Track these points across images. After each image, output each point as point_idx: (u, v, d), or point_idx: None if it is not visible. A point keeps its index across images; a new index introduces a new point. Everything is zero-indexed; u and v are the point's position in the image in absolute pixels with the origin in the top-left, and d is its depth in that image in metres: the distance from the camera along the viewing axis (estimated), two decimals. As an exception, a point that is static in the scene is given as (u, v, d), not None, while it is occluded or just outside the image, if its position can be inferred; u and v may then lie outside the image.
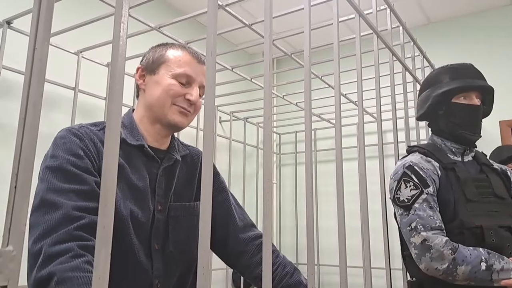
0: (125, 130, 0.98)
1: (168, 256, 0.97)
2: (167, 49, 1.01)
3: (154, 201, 0.96)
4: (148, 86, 1.00)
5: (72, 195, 0.80)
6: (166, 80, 0.97)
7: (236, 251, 1.06)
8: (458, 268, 1.11)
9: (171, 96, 0.97)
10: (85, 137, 0.90)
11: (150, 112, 0.99)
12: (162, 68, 0.99)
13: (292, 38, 3.32)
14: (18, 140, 0.36)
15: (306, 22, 0.77)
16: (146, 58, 1.03)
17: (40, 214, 0.78)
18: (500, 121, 2.82)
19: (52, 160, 0.85)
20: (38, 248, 0.74)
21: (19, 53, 1.96)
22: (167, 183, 1.00)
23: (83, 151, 0.87)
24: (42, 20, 0.38)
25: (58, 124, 2.13)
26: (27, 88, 0.37)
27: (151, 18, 1.93)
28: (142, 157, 0.97)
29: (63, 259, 0.72)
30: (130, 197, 0.92)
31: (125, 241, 0.89)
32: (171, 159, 1.02)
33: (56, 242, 0.74)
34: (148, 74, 1.01)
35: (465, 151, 1.34)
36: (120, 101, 0.38)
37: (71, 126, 0.93)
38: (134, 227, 0.90)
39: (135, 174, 0.94)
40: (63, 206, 0.78)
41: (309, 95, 0.72)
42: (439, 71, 1.37)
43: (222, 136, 3.12)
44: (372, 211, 1.62)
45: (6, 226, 0.34)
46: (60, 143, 0.88)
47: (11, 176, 0.36)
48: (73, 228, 0.76)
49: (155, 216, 0.96)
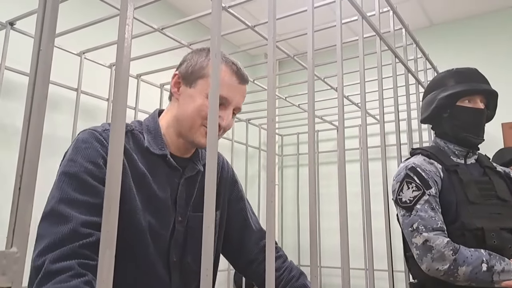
0: (149, 136, 0.94)
1: (185, 268, 0.94)
2: (209, 61, 0.93)
3: (175, 212, 0.94)
4: (182, 98, 0.94)
5: (83, 209, 0.78)
6: (200, 98, 0.91)
7: (249, 258, 1.06)
8: (459, 269, 1.12)
9: (202, 117, 0.91)
10: (108, 143, 0.86)
11: (177, 125, 0.95)
12: (200, 83, 0.92)
13: (293, 40, 3.32)
14: (23, 142, 0.36)
15: (310, 24, 0.77)
16: (186, 65, 0.96)
17: (48, 225, 0.76)
18: (503, 123, 2.81)
19: (69, 165, 0.82)
20: (40, 262, 0.72)
21: (22, 54, 1.97)
22: (188, 194, 0.97)
23: (103, 160, 0.84)
24: (47, 21, 0.38)
25: (60, 125, 2.14)
26: (31, 89, 0.37)
27: (154, 20, 1.93)
28: (164, 167, 0.94)
29: (62, 278, 0.71)
30: (151, 208, 0.89)
31: (144, 254, 0.87)
32: (193, 169, 0.99)
33: (59, 258, 0.72)
34: (184, 85, 0.95)
35: (468, 153, 1.34)
36: (125, 103, 0.38)
37: (95, 128, 0.89)
38: (153, 239, 0.88)
39: (157, 184, 0.91)
40: (72, 220, 0.76)
41: (312, 97, 0.72)
42: (444, 75, 1.38)
43: (224, 138, 3.12)
44: (374, 213, 1.61)
45: (10, 227, 0.34)
46: (81, 148, 0.84)
47: (15, 178, 0.36)
48: (78, 245, 0.75)
49: (175, 228, 0.93)
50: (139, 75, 2.42)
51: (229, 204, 1.07)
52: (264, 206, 3.25)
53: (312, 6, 0.79)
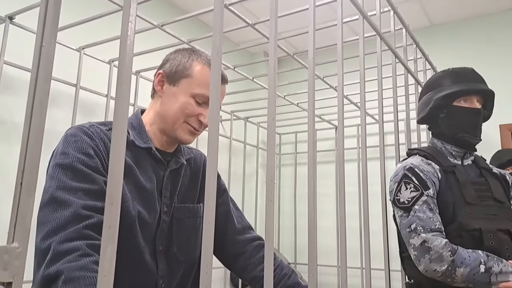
0: (134, 131, 0.98)
1: (171, 257, 0.98)
2: (192, 62, 0.99)
3: (161, 203, 0.97)
4: (165, 96, 0.99)
5: (81, 194, 0.81)
6: (184, 97, 0.96)
7: (234, 252, 1.08)
8: (457, 270, 1.12)
9: (185, 115, 0.96)
10: (96, 136, 0.90)
11: (161, 122, 0.99)
12: (183, 82, 0.97)
13: (292, 38, 3.32)
14: (24, 137, 0.36)
15: (311, 22, 0.77)
16: (170, 65, 1.00)
17: (49, 211, 0.78)
18: (500, 124, 2.82)
19: (62, 158, 0.85)
20: (46, 245, 0.74)
21: (21, 49, 1.96)
22: (172, 186, 1.01)
23: (94, 150, 0.87)
24: (50, 17, 0.38)
25: (59, 121, 2.13)
26: (33, 85, 0.37)
27: (154, 16, 1.93)
28: (150, 159, 0.98)
29: (71, 258, 0.73)
30: (138, 198, 0.92)
31: (132, 241, 0.89)
32: (177, 162, 1.03)
33: (65, 240, 0.74)
34: (168, 83, 0.99)
35: (465, 154, 1.34)
36: (127, 100, 0.38)
37: (82, 125, 0.92)
38: (141, 228, 0.91)
39: (143, 175, 0.95)
40: (72, 204, 0.78)
41: (312, 96, 0.72)
42: (440, 75, 1.37)
43: (222, 135, 3.12)
44: (371, 213, 1.62)
45: (12, 222, 0.34)
46: (71, 141, 0.87)
47: (17, 173, 0.36)
48: (81, 226, 0.77)
49: (161, 218, 0.96)
50: (138, 71, 2.42)
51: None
52: (261, 205, 3.26)
53: (314, 5, 0.79)
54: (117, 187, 0.36)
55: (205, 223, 0.44)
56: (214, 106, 0.48)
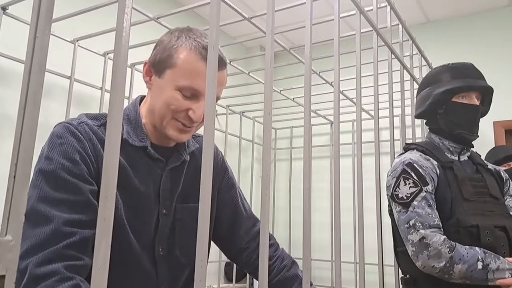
0: (129, 126, 0.89)
1: (173, 261, 0.92)
2: (178, 48, 0.86)
3: (159, 205, 0.90)
4: (153, 88, 0.89)
5: (64, 207, 0.75)
6: (169, 91, 0.85)
7: (240, 247, 1.05)
8: (455, 267, 1.12)
9: (172, 111, 0.85)
10: (84, 137, 0.82)
11: (152, 117, 0.90)
12: (168, 72, 0.85)
13: (289, 33, 3.31)
14: (18, 130, 0.35)
15: (308, 17, 0.77)
16: (155, 53, 0.89)
17: (29, 226, 0.72)
18: (494, 121, 2.84)
19: (46, 163, 0.78)
20: (24, 266, 0.69)
21: (14, 40, 1.94)
22: (172, 185, 0.93)
23: (80, 155, 0.80)
24: (44, 8, 0.38)
25: (53, 113, 2.12)
26: (27, 77, 0.37)
27: (150, 9, 1.91)
28: (145, 159, 0.89)
29: (48, 283, 0.68)
30: (131, 202, 0.86)
31: (125, 248, 0.84)
32: (178, 158, 0.94)
33: (43, 262, 0.69)
34: (154, 74, 0.88)
35: (462, 150, 1.34)
36: (123, 93, 0.38)
37: (70, 121, 0.84)
38: (135, 234, 0.85)
39: (138, 177, 0.87)
40: (54, 219, 0.73)
41: (309, 91, 0.72)
42: (440, 70, 1.37)
43: (218, 130, 3.12)
44: (365, 208, 1.63)
45: (5, 215, 0.34)
46: (57, 143, 0.80)
47: (10, 166, 0.35)
48: (62, 246, 0.71)
49: (160, 221, 0.90)
50: (133, 64, 2.40)
51: (219, 193, 1.04)
52: (256, 199, 3.26)
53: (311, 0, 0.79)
54: (112, 180, 0.36)
55: (200, 215, 0.44)
56: (210, 99, 0.48)
